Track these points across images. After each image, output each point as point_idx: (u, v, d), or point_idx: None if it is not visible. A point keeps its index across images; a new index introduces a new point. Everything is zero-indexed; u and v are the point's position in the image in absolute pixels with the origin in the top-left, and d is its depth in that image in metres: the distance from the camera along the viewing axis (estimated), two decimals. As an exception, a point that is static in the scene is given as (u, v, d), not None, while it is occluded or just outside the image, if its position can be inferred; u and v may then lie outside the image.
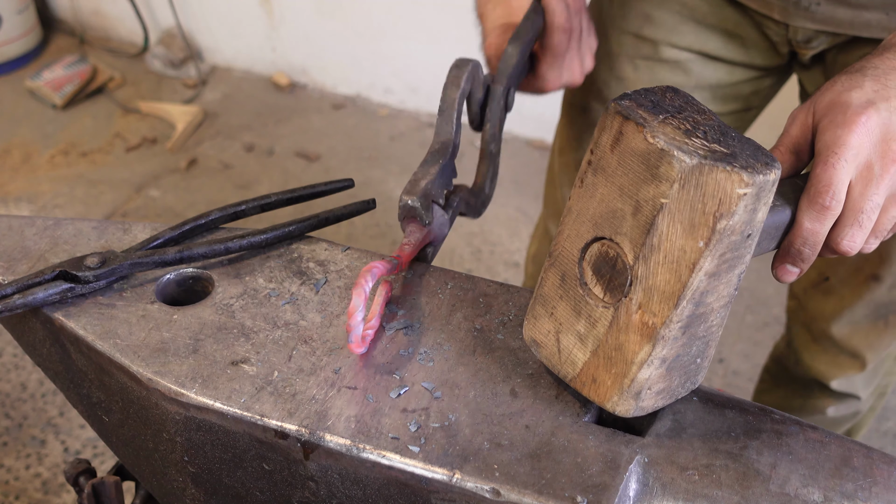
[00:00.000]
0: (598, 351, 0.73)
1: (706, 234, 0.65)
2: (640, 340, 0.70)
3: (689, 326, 0.69)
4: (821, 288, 1.35)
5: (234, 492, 0.81)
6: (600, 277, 0.72)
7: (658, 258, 0.67)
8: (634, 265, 0.68)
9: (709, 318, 0.70)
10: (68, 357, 0.87)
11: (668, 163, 0.64)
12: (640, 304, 0.69)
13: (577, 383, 0.75)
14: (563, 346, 0.75)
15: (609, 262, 0.71)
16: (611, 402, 0.73)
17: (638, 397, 0.72)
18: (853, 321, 1.33)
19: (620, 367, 0.71)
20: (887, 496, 0.71)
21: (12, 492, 1.90)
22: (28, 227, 0.94)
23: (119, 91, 3.19)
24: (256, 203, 0.95)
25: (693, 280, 0.66)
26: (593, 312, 0.72)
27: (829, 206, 0.74)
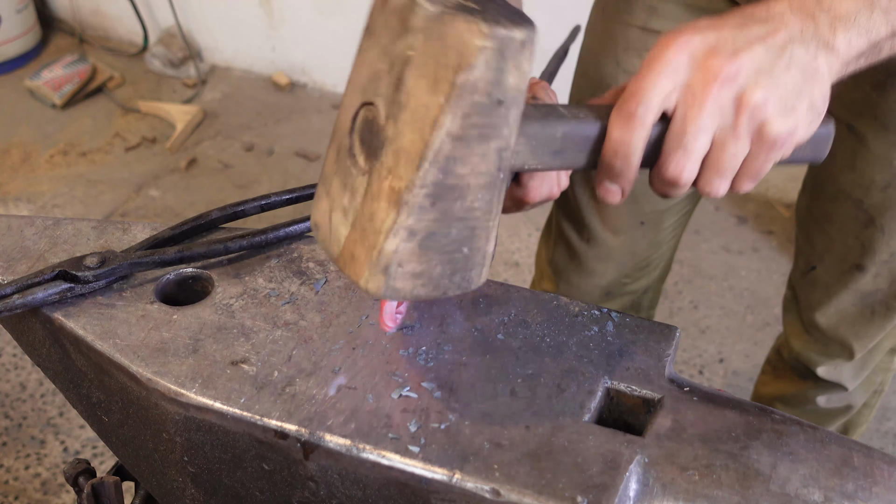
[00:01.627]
0: (356, 223, 0.69)
1: (446, 88, 0.62)
2: (388, 207, 0.66)
3: (440, 198, 0.65)
4: (808, 277, 1.37)
5: (233, 492, 0.81)
6: (363, 145, 0.68)
7: (405, 117, 0.64)
8: (386, 125, 0.65)
9: (465, 195, 0.66)
10: (68, 357, 0.87)
11: (415, 13, 0.62)
12: (390, 169, 0.65)
13: (340, 262, 0.71)
14: (333, 223, 0.71)
15: (369, 127, 0.67)
16: (363, 279, 0.68)
17: (388, 273, 0.67)
18: (839, 310, 1.35)
19: (371, 239, 0.67)
20: (887, 496, 0.71)
21: (12, 492, 1.89)
22: (27, 226, 0.94)
23: (118, 91, 3.19)
24: (256, 203, 0.95)
25: (435, 139, 0.63)
26: (355, 182, 0.69)
27: (634, 111, 0.70)
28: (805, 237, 1.36)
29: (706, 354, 2.26)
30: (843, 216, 1.24)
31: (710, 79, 0.69)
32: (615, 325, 0.83)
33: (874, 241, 1.23)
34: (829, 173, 1.23)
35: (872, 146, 1.15)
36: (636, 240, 1.41)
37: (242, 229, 0.93)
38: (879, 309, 1.32)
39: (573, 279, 1.49)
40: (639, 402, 0.78)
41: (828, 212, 1.26)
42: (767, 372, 1.67)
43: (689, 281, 2.46)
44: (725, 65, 0.68)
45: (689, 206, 1.41)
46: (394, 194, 0.65)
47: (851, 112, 1.14)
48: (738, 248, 2.57)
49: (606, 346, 0.81)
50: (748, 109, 0.69)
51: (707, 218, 2.66)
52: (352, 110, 0.69)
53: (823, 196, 1.26)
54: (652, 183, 0.76)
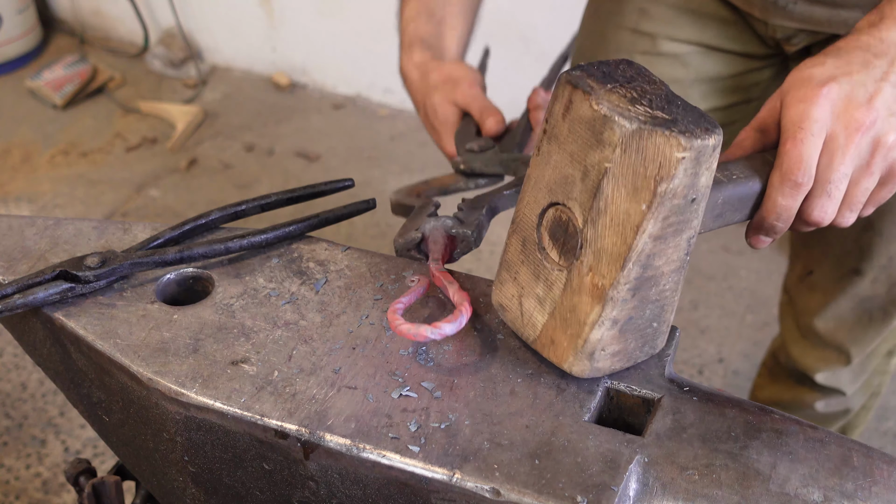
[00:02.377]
0: (555, 313, 0.75)
1: (648, 197, 0.67)
2: (591, 301, 0.72)
3: (639, 289, 0.71)
4: (806, 282, 1.36)
5: (234, 492, 0.81)
6: (556, 241, 0.74)
7: (605, 221, 0.69)
8: (584, 228, 0.71)
9: (660, 281, 0.72)
10: (68, 357, 0.87)
11: (611, 128, 0.67)
12: (591, 267, 0.71)
13: (537, 345, 0.77)
14: (525, 309, 0.78)
15: (562, 227, 0.73)
16: (567, 363, 0.75)
17: (592, 358, 0.74)
18: (837, 315, 1.35)
19: (575, 329, 0.74)
20: (887, 496, 0.71)
21: (12, 492, 1.90)
22: (28, 226, 0.94)
23: (119, 91, 3.19)
24: (256, 203, 0.95)
25: (638, 242, 0.68)
26: (550, 275, 0.75)
27: (801, 182, 0.76)
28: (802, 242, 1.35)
29: (706, 354, 2.26)
30: None
31: (852, 131, 0.76)
32: (615, 324, 0.83)
33: (872, 245, 1.23)
34: None
35: None
36: None
37: (242, 229, 0.93)
38: (877, 314, 1.32)
39: None
40: (639, 402, 0.78)
41: None
42: (764, 375, 1.66)
43: (688, 281, 2.46)
44: (864, 115, 0.76)
45: None
46: (597, 290, 0.71)
47: None
48: (738, 248, 2.57)
49: (606, 346, 0.81)
50: (883, 151, 0.77)
51: (707, 218, 2.66)
52: (538, 207, 0.75)
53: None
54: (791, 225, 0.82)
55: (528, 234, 0.76)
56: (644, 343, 0.76)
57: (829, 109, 0.76)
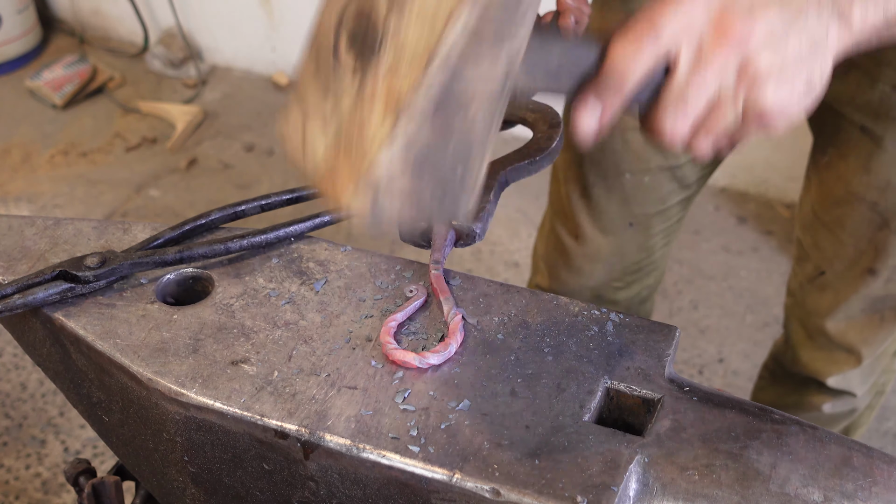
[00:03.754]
0: (340, 132, 0.61)
1: None
2: (384, 111, 0.58)
3: (443, 105, 0.58)
4: (816, 283, 1.35)
5: (234, 492, 0.81)
6: (354, 43, 0.61)
7: (413, 7, 0.57)
8: (387, 16, 0.58)
9: (469, 104, 0.60)
10: (68, 357, 0.87)
11: None
12: (390, 67, 0.58)
13: (315, 177, 0.63)
14: (308, 134, 0.64)
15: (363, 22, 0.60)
16: (347, 194, 0.60)
17: (376, 191, 0.59)
18: (849, 316, 1.33)
19: (360, 148, 0.59)
20: (887, 496, 0.71)
21: (12, 492, 1.90)
22: (28, 226, 0.94)
23: (119, 91, 3.19)
24: (256, 203, 0.95)
25: (449, 33, 0.56)
26: (341, 84, 0.61)
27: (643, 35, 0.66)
28: (812, 242, 1.33)
29: (706, 354, 2.26)
30: (855, 219, 1.22)
31: (722, 38, 0.66)
32: (615, 325, 0.83)
33: (888, 244, 1.21)
34: (839, 176, 1.21)
35: (889, 147, 1.13)
36: (625, 242, 1.41)
37: (242, 229, 0.93)
38: (889, 314, 1.31)
39: (563, 276, 1.49)
40: (639, 402, 0.78)
41: (838, 215, 1.24)
42: (765, 378, 1.65)
43: (689, 281, 2.46)
44: (739, 25, 0.66)
45: (680, 213, 1.41)
46: (393, 96, 0.57)
47: (865, 114, 1.12)
48: (738, 248, 2.57)
49: (606, 346, 0.81)
50: (750, 77, 0.67)
51: (707, 218, 2.66)
52: (338, 4, 0.62)
53: (833, 199, 1.24)
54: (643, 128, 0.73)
55: (323, 43, 0.63)
56: (444, 194, 0.62)
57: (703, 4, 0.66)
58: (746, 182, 2.73)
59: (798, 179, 1.39)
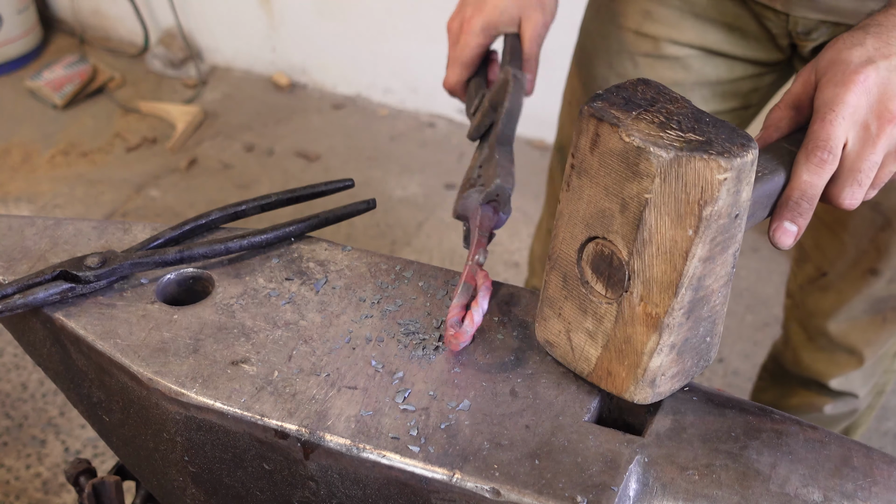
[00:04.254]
0: (609, 345, 0.74)
1: (693, 222, 0.66)
2: (647, 331, 0.71)
3: (692, 311, 0.71)
4: (818, 284, 1.34)
5: (234, 492, 0.81)
6: (600, 275, 0.73)
7: (651, 251, 0.69)
8: (630, 260, 0.70)
9: (710, 299, 0.72)
10: (68, 357, 0.87)
11: (647, 159, 0.66)
12: (642, 297, 0.70)
13: (594, 378, 0.77)
14: (575, 344, 0.77)
15: (606, 260, 0.72)
16: (628, 393, 0.74)
17: (654, 384, 0.74)
18: (851, 317, 1.33)
19: (632, 359, 0.73)
20: (887, 496, 0.71)
21: (12, 492, 1.90)
22: (28, 227, 0.94)
23: (119, 91, 3.19)
24: (256, 203, 0.95)
25: (688, 268, 0.68)
26: (598, 309, 0.74)
27: (825, 160, 0.75)
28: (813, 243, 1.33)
29: (706, 354, 2.26)
30: (858, 220, 1.22)
31: (884, 122, 0.75)
32: (615, 325, 0.83)
33: (890, 244, 1.21)
34: None
35: None
36: None
37: (242, 229, 0.93)
38: (891, 315, 1.30)
39: None
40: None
41: (840, 216, 1.24)
42: (765, 379, 1.65)
43: (689, 281, 2.46)
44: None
45: None
46: (651, 319, 0.71)
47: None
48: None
49: (606, 346, 0.81)
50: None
51: (707, 218, 2.66)
52: (575, 242, 0.74)
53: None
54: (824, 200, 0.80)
55: (568, 270, 0.76)
56: (699, 358, 0.76)
57: (863, 96, 0.75)
58: (746, 182, 2.72)
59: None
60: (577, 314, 0.76)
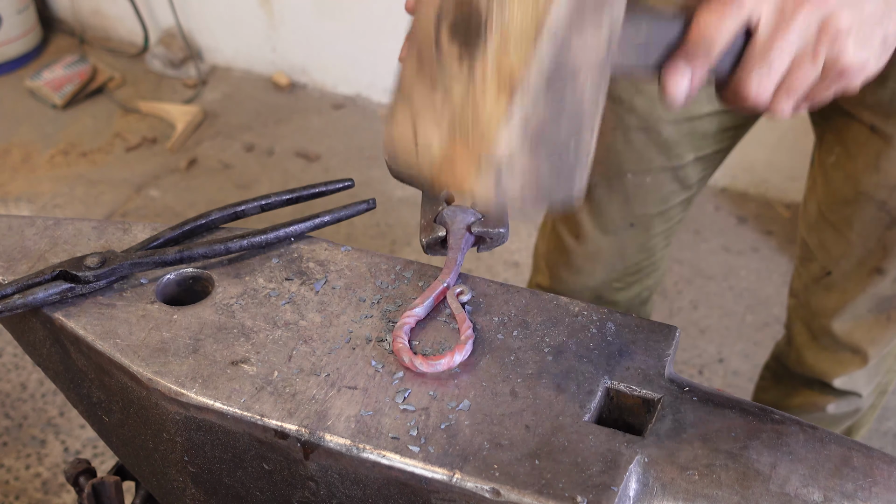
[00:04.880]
0: (455, 122, 0.62)
1: None
2: (498, 92, 0.60)
3: (553, 80, 0.60)
4: (822, 283, 1.34)
5: (234, 492, 0.81)
6: (456, 35, 0.62)
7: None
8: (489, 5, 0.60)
9: (577, 76, 0.61)
10: (68, 357, 0.87)
11: None
12: (497, 47, 0.60)
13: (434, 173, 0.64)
14: (420, 133, 0.64)
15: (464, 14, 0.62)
16: (469, 182, 0.62)
17: (499, 174, 0.61)
18: (855, 316, 1.32)
19: (478, 132, 0.61)
20: (887, 496, 0.71)
21: (12, 492, 1.90)
22: (28, 226, 0.94)
23: (119, 91, 3.19)
24: (256, 203, 0.95)
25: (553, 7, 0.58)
26: (448, 74, 0.62)
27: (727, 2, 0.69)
28: (818, 242, 1.32)
29: (706, 354, 2.26)
30: (863, 218, 1.22)
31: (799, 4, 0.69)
32: (615, 325, 0.83)
33: None
34: (847, 175, 1.21)
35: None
36: (625, 242, 1.40)
37: (242, 229, 0.93)
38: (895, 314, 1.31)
39: (563, 276, 1.49)
40: (639, 402, 0.78)
41: (846, 215, 1.24)
42: (767, 378, 1.65)
43: (689, 281, 2.46)
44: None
45: (681, 213, 1.40)
46: (505, 77, 0.59)
47: (875, 113, 1.12)
48: (738, 248, 2.57)
49: (606, 346, 0.81)
50: (830, 35, 0.70)
51: (707, 218, 2.66)
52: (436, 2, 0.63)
53: (840, 199, 1.24)
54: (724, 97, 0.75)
55: (424, 41, 0.64)
56: (560, 171, 0.64)
57: None
58: (746, 182, 2.73)
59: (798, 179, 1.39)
60: (426, 93, 0.64)
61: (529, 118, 0.60)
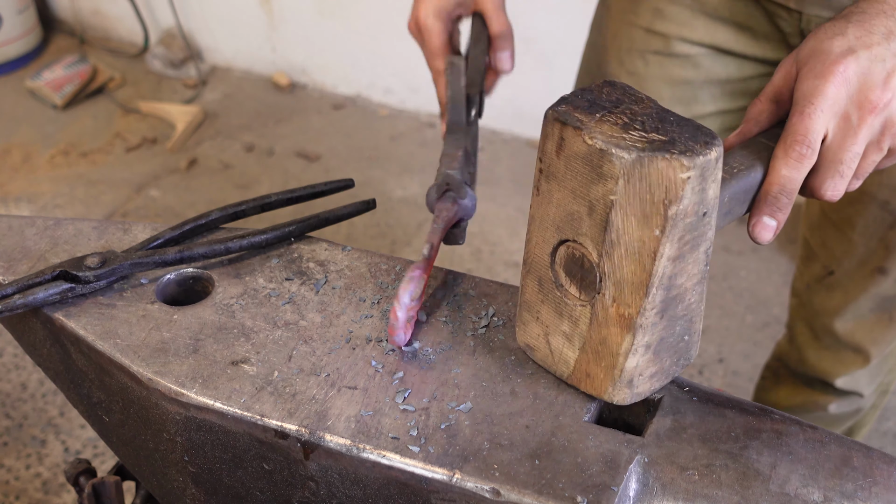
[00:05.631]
0: (586, 347, 0.75)
1: (660, 222, 0.66)
2: (621, 332, 0.71)
3: (666, 310, 0.71)
4: (825, 283, 1.34)
5: (234, 492, 0.81)
6: (573, 278, 0.73)
7: (620, 252, 0.69)
8: (600, 262, 0.70)
9: (685, 297, 0.72)
10: (68, 357, 0.87)
11: (610, 161, 0.66)
12: (614, 298, 0.71)
13: (573, 380, 0.77)
14: (554, 347, 0.77)
15: (577, 263, 0.72)
16: (607, 394, 0.75)
17: (631, 385, 0.74)
18: (858, 315, 1.33)
19: (608, 360, 0.73)
20: (887, 496, 0.71)
21: (12, 492, 1.90)
22: (28, 227, 0.94)
23: (119, 91, 3.19)
24: (256, 203, 0.95)
25: (657, 267, 0.68)
26: (573, 312, 0.74)
27: (804, 154, 0.75)
28: (820, 241, 1.33)
29: (706, 354, 2.26)
30: (866, 218, 1.22)
31: (865, 112, 0.75)
32: (615, 325, 0.83)
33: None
34: None
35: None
36: None
37: (242, 229, 0.93)
38: None
39: None
40: (639, 402, 0.78)
41: (849, 215, 1.24)
42: (768, 378, 1.65)
43: (689, 281, 2.46)
44: (879, 97, 0.75)
45: None
46: (624, 320, 0.71)
47: None
48: (738, 248, 2.57)
49: (606, 346, 0.81)
50: (893, 129, 0.76)
51: (707, 218, 2.66)
52: (547, 247, 0.74)
53: (843, 199, 1.23)
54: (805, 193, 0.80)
55: (542, 274, 0.76)
56: (678, 357, 0.76)
57: (843, 87, 0.75)
58: (746, 182, 2.73)
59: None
60: (553, 317, 0.76)
61: (650, 343, 0.72)
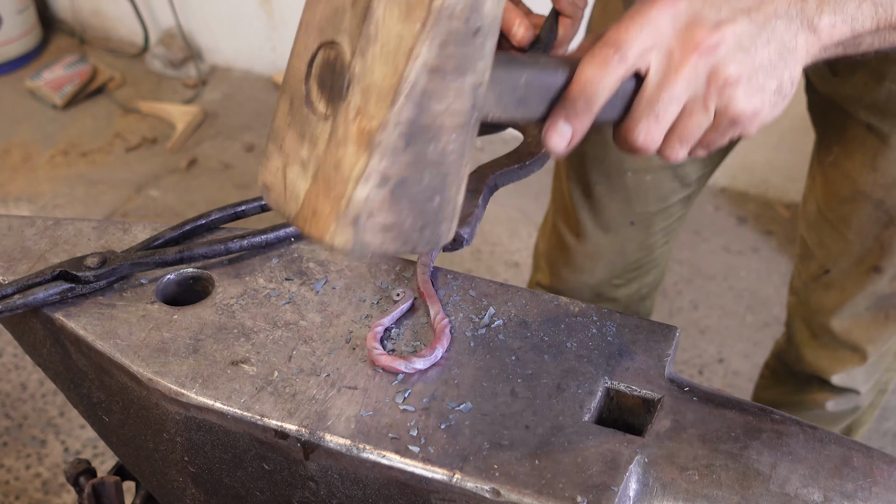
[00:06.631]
0: (318, 174, 0.63)
1: (422, 14, 0.57)
2: (357, 151, 0.60)
3: (413, 138, 0.61)
4: (821, 281, 1.35)
5: (234, 492, 0.81)
6: (324, 89, 0.63)
7: (375, 50, 0.59)
8: (352, 62, 0.60)
9: (440, 136, 0.62)
10: (68, 357, 0.87)
11: None
12: (358, 108, 0.60)
13: (299, 220, 0.65)
14: (289, 180, 0.66)
15: (331, 67, 0.62)
16: (329, 233, 0.62)
17: (357, 225, 0.62)
18: (854, 314, 1.33)
19: (338, 188, 0.62)
20: (887, 496, 0.71)
21: (12, 492, 1.90)
22: (28, 227, 0.94)
23: (119, 91, 3.19)
24: (256, 203, 0.95)
25: (410, 71, 0.58)
26: (315, 130, 0.63)
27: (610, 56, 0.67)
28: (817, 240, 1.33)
29: (706, 354, 2.26)
30: (861, 217, 1.22)
31: (690, 48, 0.67)
32: (615, 325, 0.83)
33: (894, 242, 1.21)
34: (844, 174, 1.21)
35: None
36: (626, 240, 1.41)
37: (243, 229, 0.93)
38: (894, 313, 1.31)
39: (563, 274, 1.49)
40: (639, 402, 0.78)
41: (844, 214, 1.24)
42: (767, 377, 1.65)
43: (689, 281, 2.46)
44: (707, 36, 0.67)
45: (681, 211, 1.41)
46: (364, 136, 0.60)
47: (872, 112, 1.12)
48: (738, 248, 2.57)
49: (606, 346, 0.81)
50: (720, 84, 0.68)
51: (707, 218, 2.66)
52: (307, 55, 0.64)
53: (838, 198, 1.24)
54: (616, 141, 0.74)
55: (295, 91, 0.65)
56: (424, 224, 0.64)
57: (670, 19, 0.67)
58: (746, 182, 2.73)
59: (798, 179, 1.39)
60: (295, 143, 0.65)
61: (388, 177, 0.61)
